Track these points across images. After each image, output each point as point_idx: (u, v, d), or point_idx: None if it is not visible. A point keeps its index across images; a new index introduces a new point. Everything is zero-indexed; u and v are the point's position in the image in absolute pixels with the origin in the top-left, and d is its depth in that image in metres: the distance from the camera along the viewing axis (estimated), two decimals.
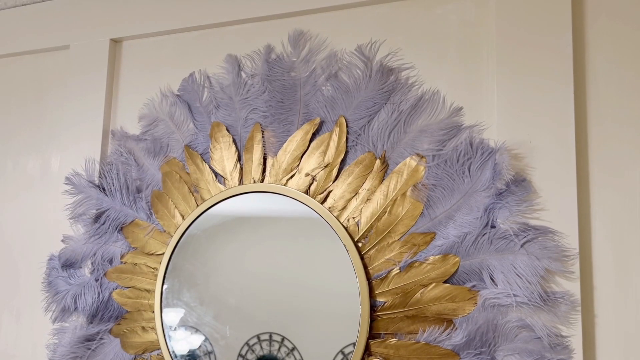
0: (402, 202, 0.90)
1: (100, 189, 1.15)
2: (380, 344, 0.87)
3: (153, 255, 1.08)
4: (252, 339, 0.96)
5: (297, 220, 0.97)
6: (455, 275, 0.85)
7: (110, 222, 1.13)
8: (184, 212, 1.06)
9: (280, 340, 0.95)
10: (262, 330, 0.96)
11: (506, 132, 0.86)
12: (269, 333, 0.96)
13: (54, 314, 1.15)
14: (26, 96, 1.33)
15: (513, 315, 0.81)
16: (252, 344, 0.96)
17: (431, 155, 0.89)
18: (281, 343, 0.95)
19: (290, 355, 0.94)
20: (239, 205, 1.01)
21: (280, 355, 0.94)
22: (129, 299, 1.08)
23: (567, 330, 0.79)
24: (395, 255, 0.89)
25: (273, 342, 0.95)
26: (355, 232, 0.92)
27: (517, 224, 0.82)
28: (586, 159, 0.84)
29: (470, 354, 0.82)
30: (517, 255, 0.81)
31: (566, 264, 0.79)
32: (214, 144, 1.06)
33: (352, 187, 0.94)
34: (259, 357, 0.95)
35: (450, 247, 0.86)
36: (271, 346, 0.95)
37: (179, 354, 1.01)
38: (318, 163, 0.97)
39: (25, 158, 1.31)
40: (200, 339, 1.00)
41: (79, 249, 1.14)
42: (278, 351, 0.95)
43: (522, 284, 0.80)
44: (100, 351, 1.10)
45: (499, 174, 0.83)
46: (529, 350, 0.79)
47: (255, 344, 0.96)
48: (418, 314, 0.86)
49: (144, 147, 1.14)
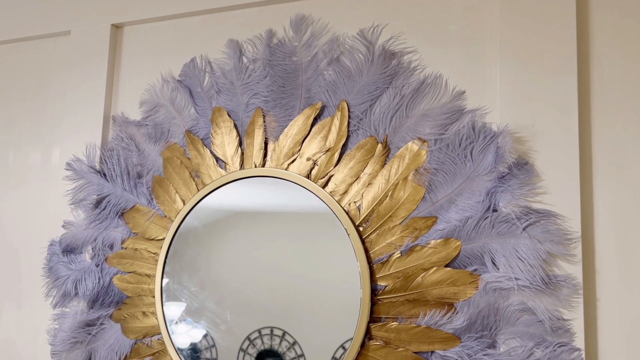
0: (404, 186, 0.89)
1: (101, 175, 1.14)
2: (381, 328, 0.87)
3: (154, 241, 1.08)
4: (253, 333, 0.96)
5: (298, 206, 0.97)
6: (456, 259, 0.85)
7: (111, 208, 1.13)
8: (184, 197, 1.06)
9: (282, 335, 0.94)
10: (263, 325, 0.96)
11: (509, 116, 0.86)
12: (270, 327, 0.96)
13: (55, 299, 1.15)
14: (27, 82, 1.33)
15: (514, 299, 0.81)
16: (253, 338, 0.96)
17: (433, 140, 0.89)
18: (282, 337, 0.95)
19: (291, 350, 0.94)
20: (239, 192, 1.01)
21: (281, 350, 0.94)
22: (130, 284, 1.08)
23: (568, 313, 0.78)
24: (396, 239, 0.89)
25: (274, 336, 0.95)
26: (357, 216, 0.92)
27: (519, 207, 0.82)
28: (589, 142, 0.83)
29: (471, 338, 0.82)
30: (519, 239, 0.81)
31: (568, 247, 0.79)
32: (215, 129, 1.06)
33: (354, 171, 0.93)
34: (260, 352, 0.95)
35: (452, 231, 0.86)
36: (272, 340, 0.95)
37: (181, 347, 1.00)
38: (319, 147, 0.96)
39: (27, 144, 1.31)
40: (201, 333, 1.00)
41: (80, 235, 1.14)
42: (279, 345, 0.95)
43: (524, 268, 0.79)
44: (100, 336, 1.10)
45: (502, 158, 0.83)
46: (530, 333, 0.79)
47: (256, 339, 0.96)
48: (419, 298, 0.86)
49: (145, 132, 1.14)
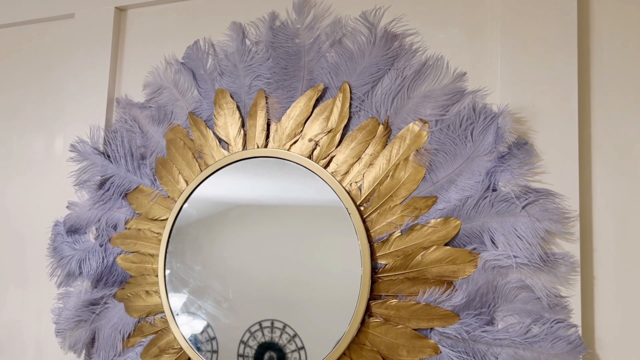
0: (405, 166, 0.90)
1: (105, 156, 1.16)
2: (381, 305, 0.88)
3: (157, 221, 1.09)
4: (254, 325, 0.97)
5: (300, 189, 0.98)
6: (456, 238, 0.86)
7: (115, 189, 1.14)
8: (188, 178, 1.07)
9: (282, 327, 0.96)
10: (264, 317, 0.97)
11: (509, 97, 0.87)
12: (271, 320, 0.97)
13: (59, 279, 1.16)
14: (31, 64, 1.33)
15: (513, 277, 0.82)
16: (253, 330, 0.97)
17: (434, 121, 0.90)
18: (283, 330, 0.96)
19: (292, 342, 0.95)
20: (242, 173, 1.02)
21: (282, 342, 0.95)
22: (133, 263, 1.10)
23: (566, 290, 0.79)
24: (396, 218, 0.90)
25: (275, 329, 0.96)
26: (358, 196, 0.93)
27: (518, 186, 0.83)
28: (588, 122, 0.84)
29: (470, 315, 0.83)
30: (518, 218, 0.82)
31: (566, 225, 0.80)
32: (218, 111, 1.07)
33: (355, 152, 0.94)
34: (260, 344, 0.97)
35: (452, 210, 0.87)
36: (273, 333, 0.96)
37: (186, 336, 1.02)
38: (321, 128, 0.97)
39: (31, 127, 1.32)
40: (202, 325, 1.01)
41: (84, 215, 1.16)
42: (280, 338, 0.96)
43: (523, 246, 0.81)
44: (104, 315, 1.12)
45: (502, 137, 0.84)
46: (528, 310, 0.80)
47: (257, 331, 0.97)
48: (419, 276, 0.87)
49: (149, 114, 1.15)
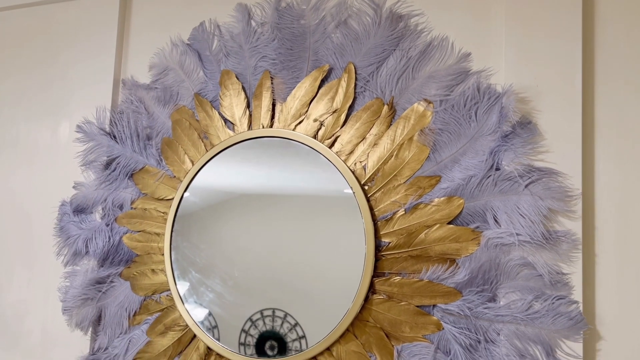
0: (409, 146, 0.91)
1: (111, 137, 1.17)
2: (385, 282, 0.89)
3: (163, 201, 1.10)
4: (255, 314, 0.98)
5: (305, 170, 0.99)
6: (459, 217, 0.87)
7: (121, 169, 1.15)
8: (193, 158, 1.08)
9: (283, 317, 0.97)
10: (265, 307, 0.98)
11: (513, 77, 0.87)
12: (272, 309, 0.98)
13: (66, 258, 1.18)
14: (38, 46, 1.34)
15: (515, 254, 0.83)
16: (255, 319, 0.98)
17: (439, 101, 0.91)
18: (284, 319, 0.97)
19: (293, 331, 0.96)
20: (246, 153, 1.03)
21: (283, 331, 0.96)
22: (139, 242, 1.11)
23: (567, 267, 0.80)
24: (400, 197, 0.91)
25: (276, 317, 0.97)
26: (362, 175, 0.94)
27: (522, 165, 0.84)
28: (592, 102, 0.85)
29: (472, 292, 0.84)
30: (521, 196, 0.83)
31: (569, 204, 0.81)
32: (224, 91, 1.07)
33: (360, 132, 0.95)
34: (261, 333, 0.98)
35: (455, 189, 0.87)
36: (274, 322, 0.97)
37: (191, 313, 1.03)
38: (326, 109, 0.98)
39: (37, 108, 1.32)
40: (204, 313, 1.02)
41: (90, 195, 1.17)
42: (281, 327, 0.97)
43: (525, 223, 0.81)
44: (110, 293, 1.13)
45: (505, 117, 0.84)
46: (530, 287, 0.81)
47: (258, 320, 0.98)
48: (422, 254, 0.88)
49: (154, 95, 1.16)
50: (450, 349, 0.84)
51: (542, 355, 0.80)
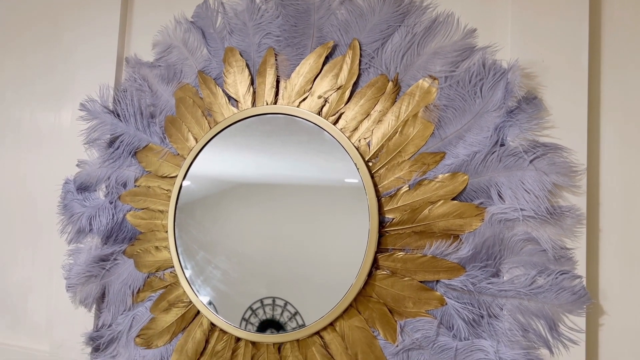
0: (413, 122, 0.91)
1: (115, 115, 1.16)
2: (388, 258, 0.90)
3: (166, 178, 1.10)
4: (255, 303, 0.99)
5: (308, 147, 0.98)
6: (463, 193, 0.87)
7: (125, 147, 1.15)
8: (197, 135, 1.08)
9: (283, 305, 0.97)
10: (266, 295, 0.98)
11: (519, 52, 0.87)
12: (272, 298, 0.98)
13: (70, 236, 1.18)
14: (40, 24, 1.34)
15: (519, 229, 0.83)
16: (255, 308, 0.98)
17: (444, 77, 0.90)
18: (284, 307, 0.97)
19: (293, 320, 0.96)
20: (249, 131, 1.02)
21: (283, 320, 0.96)
22: (143, 220, 1.11)
23: (571, 243, 0.80)
24: (404, 173, 0.91)
25: (276, 306, 0.97)
26: (366, 152, 0.94)
27: (526, 141, 0.83)
28: (598, 77, 0.85)
29: (475, 267, 0.84)
30: (526, 171, 0.83)
31: (574, 179, 0.81)
32: (227, 69, 1.07)
33: (364, 108, 0.95)
34: (262, 321, 0.98)
35: (460, 165, 0.87)
36: (274, 310, 0.98)
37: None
38: (331, 85, 0.98)
39: (39, 86, 1.32)
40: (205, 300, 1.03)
41: (94, 173, 1.17)
42: (281, 315, 0.97)
43: (530, 199, 0.81)
44: (114, 271, 1.14)
45: (511, 92, 0.84)
46: (534, 262, 0.81)
47: (258, 309, 0.98)
48: (426, 230, 0.88)
49: (158, 73, 1.15)
50: (454, 324, 0.85)
51: (544, 329, 0.80)
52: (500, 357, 0.81)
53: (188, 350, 1.03)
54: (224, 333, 1.00)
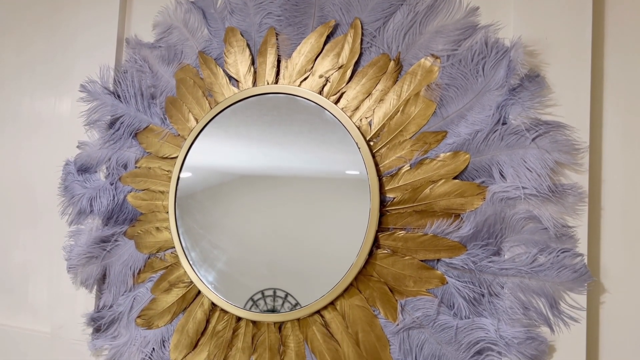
0: (415, 101, 0.90)
1: (115, 96, 1.16)
2: (389, 237, 0.89)
3: (167, 159, 1.10)
4: (256, 294, 0.98)
5: (310, 127, 0.98)
6: (465, 172, 0.87)
7: (125, 128, 1.15)
8: (197, 116, 1.08)
9: (284, 297, 0.97)
10: (267, 287, 0.98)
11: (522, 30, 0.86)
12: (273, 289, 0.98)
13: (70, 217, 1.18)
14: (40, 6, 1.33)
15: (521, 208, 0.82)
16: (256, 299, 0.98)
17: (446, 56, 0.89)
18: (285, 299, 0.97)
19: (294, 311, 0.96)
20: (250, 111, 1.02)
21: (284, 311, 0.96)
22: (143, 200, 1.11)
23: (573, 221, 0.80)
24: (406, 153, 0.90)
25: (277, 297, 0.97)
26: (368, 131, 0.93)
27: (529, 119, 0.83)
28: (601, 54, 0.84)
29: (476, 246, 0.84)
30: (528, 150, 0.82)
31: (576, 157, 0.80)
32: (228, 48, 1.06)
33: (366, 88, 0.94)
34: (262, 312, 0.98)
35: (461, 144, 0.87)
36: (275, 302, 0.97)
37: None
38: (332, 65, 0.97)
39: (41, 65, 1.32)
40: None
41: (94, 154, 1.17)
42: (282, 306, 0.97)
43: (532, 177, 0.81)
44: (115, 252, 1.14)
45: (513, 70, 0.83)
46: (535, 240, 0.81)
47: (259, 300, 0.98)
48: (427, 209, 0.88)
49: (158, 54, 1.15)
50: (454, 302, 0.84)
51: (545, 307, 0.80)
52: (500, 335, 0.81)
53: (189, 330, 1.03)
54: (225, 313, 1.00)
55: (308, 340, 0.93)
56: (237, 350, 0.98)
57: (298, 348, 0.94)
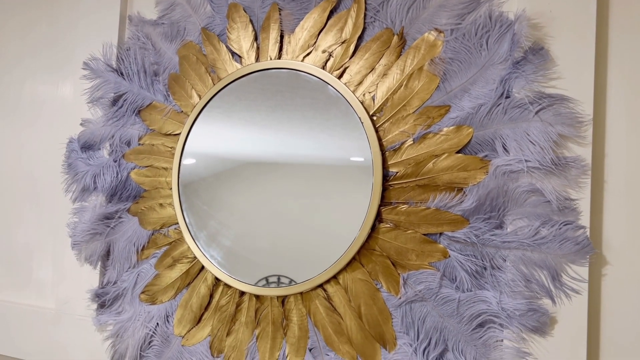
0: (419, 76, 0.90)
1: (118, 73, 1.16)
2: (392, 211, 0.90)
3: (170, 136, 1.10)
4: (260, 281, 0.99)
5: (312, 102, 0.98)
6: (468, 146, 0.87)
7: (128, 106, 1.15)
8: (200, 92, 1.07)
9: (288, 283, 0.97)
10: (271, 273, 0.98)
11: (526, 3, 0.85)
12: (277, 276, 0.98)
13: (74, 194, 1.19)
14: None
15: (523, 181, 0.82)
16: (261, 285, 0.99)
17: (449, 30, 0.89)
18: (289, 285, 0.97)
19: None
20: (254, 86, 1.02)
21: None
22: (147, 177, 1.11)
23: (575, 193, 0.80)
24: (409, 127, 0.90)
25: (281, 284, 0.97)
26: (371, 106, 0.93)
27: (532, 92, 0.83)
28: (606, 27, 0.83)
29: (479, 219, 0.84)
30: (531, 123, 0.82)
31: (579, 129, 0.80)
32: (231, 24, 1.06)
33: (369, 62, 0.94)
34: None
35: (465, 118, 0.87)
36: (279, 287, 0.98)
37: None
38: (335, 40, 0.97)
39: (43, 47, 1.32)
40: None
41: (98, 132, 1.17)
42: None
43: (535, 150, 0.81)
44: (119, 229, 1.14)
45: (517, 44, 0.83)
46: (538, 213, 0.81)
47: (264, 286, 0.98)
48: (429, 183, 0.88)
49: (161, 31, 1.14)
50: (456, 275, 0.85)
51: (547, 280, 0.80)
52: (502, 307, 0.81)
53: (192, 305, 1.04)
54: (228, 287, 1.01)
55: (311, 313, 0.94)
56: (240, 325, 0.99)
57: (301, 322, 0.95)
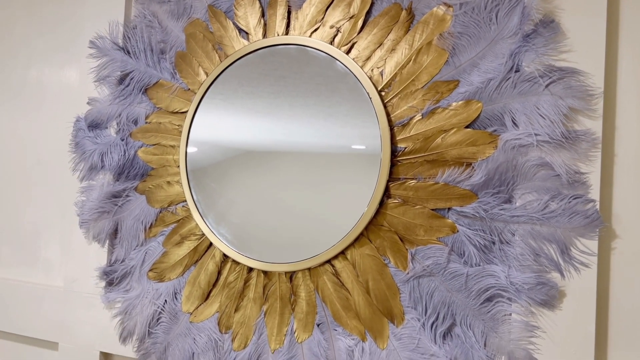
0: (427, 50, 0.90)
1: (125, 52, 1.16)
2: (400, 186, 0.89)
3: (177, 114, 1.10)
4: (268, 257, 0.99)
5: (320, 78, 0.97)
6: (477, 121, 0.86)
7: (135, 84, 1.14)
8: (207, 70, 1.07)
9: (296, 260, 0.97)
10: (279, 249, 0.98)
11: None
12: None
13: (82, 173, 1.19)
14: None
15: (533, 155, 0.82)
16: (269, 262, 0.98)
17: (458, 4, 0.88)
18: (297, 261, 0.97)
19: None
20: (260, 63, 1.01)
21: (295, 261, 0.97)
22: (154, 155, 1.11)
23: (585, 167, 0.80)
24: (418, 102, 0.90)
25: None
26: (379, 81, 0.93)
27: (542, 65, 0.82)
28: (617, 0, 0.82)
29: (488, 194, 0.84)
30: (541, 96, 0.81)
31: (590, 102, 0.80)
32: (238, 1, 1.05)
33: (377, 37, 0.93)
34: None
35: (474, 93, 0.86)
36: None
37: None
38: (343, 15, 0.96)
39: (50, 26, 1.31)
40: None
41: (105, 110, 1.17)
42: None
43: (545, 124, 0.80)
44: (126, 207, 1.14)
45: (527, 17, 0.82)
46: (547, 187, 0.81)
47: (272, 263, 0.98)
48: (438, 158, 0.88)
49: (168, 9, 1.14)
50: (465, 250, 0.85)
51: (556, 253, 0.80)
52: (511, 282, 0.81)
53: (201, 282, 1.04)
54: (237, 264, 1.01)
55: (319, 289, 0.94)
56: (248, 301, 1.00)
57: (309, 297, 0.95)
